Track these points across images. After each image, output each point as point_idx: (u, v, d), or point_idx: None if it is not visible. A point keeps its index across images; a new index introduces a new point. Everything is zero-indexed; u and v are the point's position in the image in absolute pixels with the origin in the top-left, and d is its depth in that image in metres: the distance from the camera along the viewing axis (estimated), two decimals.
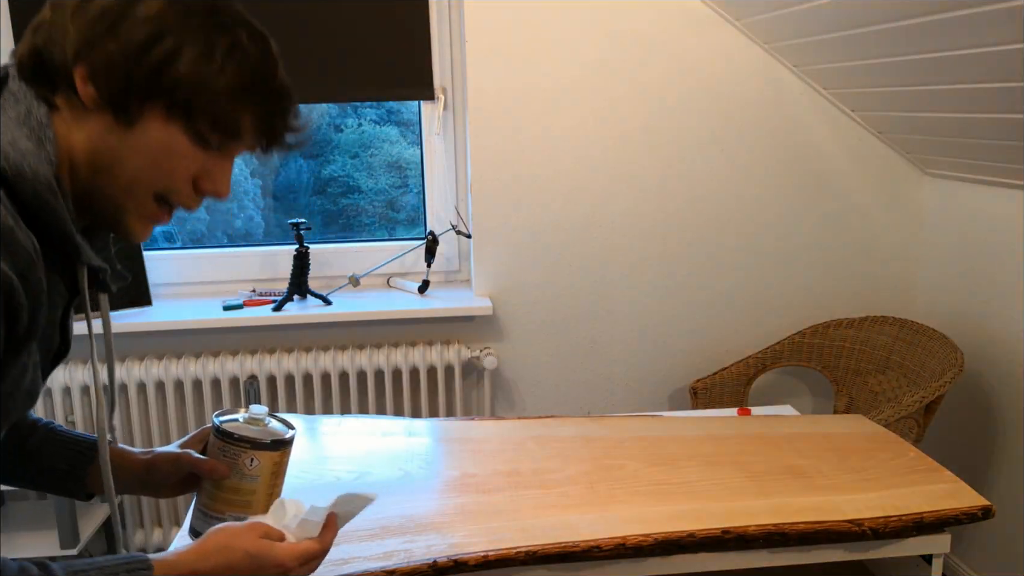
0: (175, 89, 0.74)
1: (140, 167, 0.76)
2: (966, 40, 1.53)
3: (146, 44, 0.72)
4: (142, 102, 0.74)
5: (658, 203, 2.28)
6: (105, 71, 0.72)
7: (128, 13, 0.73)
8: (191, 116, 0.75)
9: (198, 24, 0.75)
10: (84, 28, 0.72)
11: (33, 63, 0.75)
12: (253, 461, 0.94)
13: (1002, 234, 2.01)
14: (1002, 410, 2.03)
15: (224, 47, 0.75)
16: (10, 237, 0.64)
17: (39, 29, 0.75)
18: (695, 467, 1.47)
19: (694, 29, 2.17)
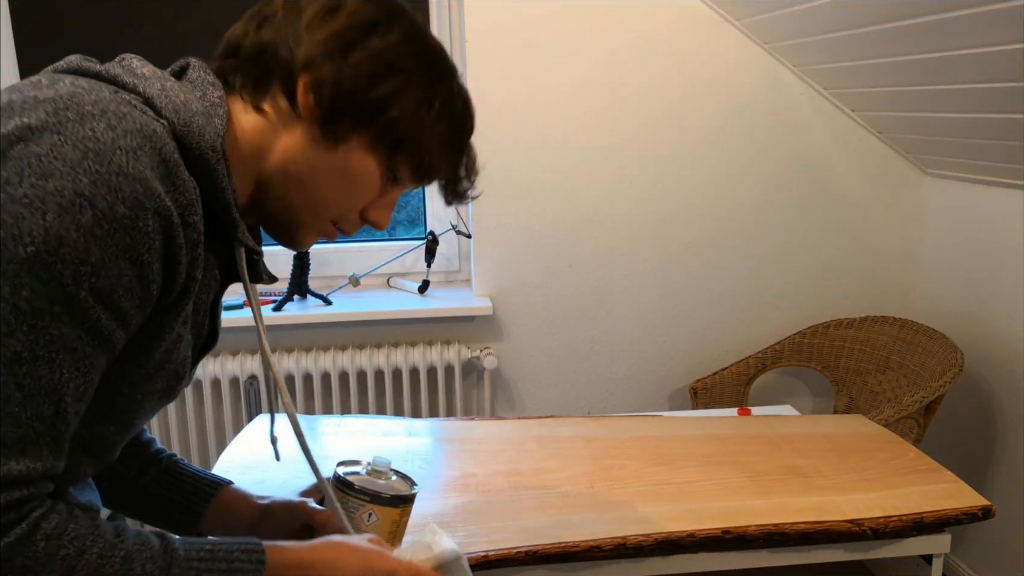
0: (390, 126, 0.75)
1: (331, 188, 0.77)
2: (966, 40, 1.53)
3: (375, 76, 0.74)
4: (352, 128, 0.74)
5: (658, 203, 2.28)
6: (331, 89, 0.73)
7: (365, 40, 0.74)
8: (395, 154, 0.77)
9: (424, 69, 0.76)
10: (320, 41, 0.73)
11: (252, 55, 0.75)
12: (371, 516, 0.90)
13: (1002, 234, 2.01)
14: (1002, 410, 2.03)
15: (442, 97, 0.77)
16: (175, 170, 0.64)
17: (265, 24, 0.76)
18: (695, 467, 1.47)
19: (694, 29, 2.17)
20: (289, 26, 0.74)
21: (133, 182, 0.59)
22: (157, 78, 0.70)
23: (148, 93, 0.67)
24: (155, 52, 1.33)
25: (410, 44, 0.76)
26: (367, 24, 0.74)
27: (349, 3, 0.75)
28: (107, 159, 0.58)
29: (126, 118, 0.61)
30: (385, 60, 0.74)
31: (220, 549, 0.70)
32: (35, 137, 0.58)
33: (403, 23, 0.76)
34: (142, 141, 0.61)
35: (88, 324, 0.59)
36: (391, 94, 0.74)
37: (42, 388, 0.57)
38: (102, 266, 0.58)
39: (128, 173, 0.59)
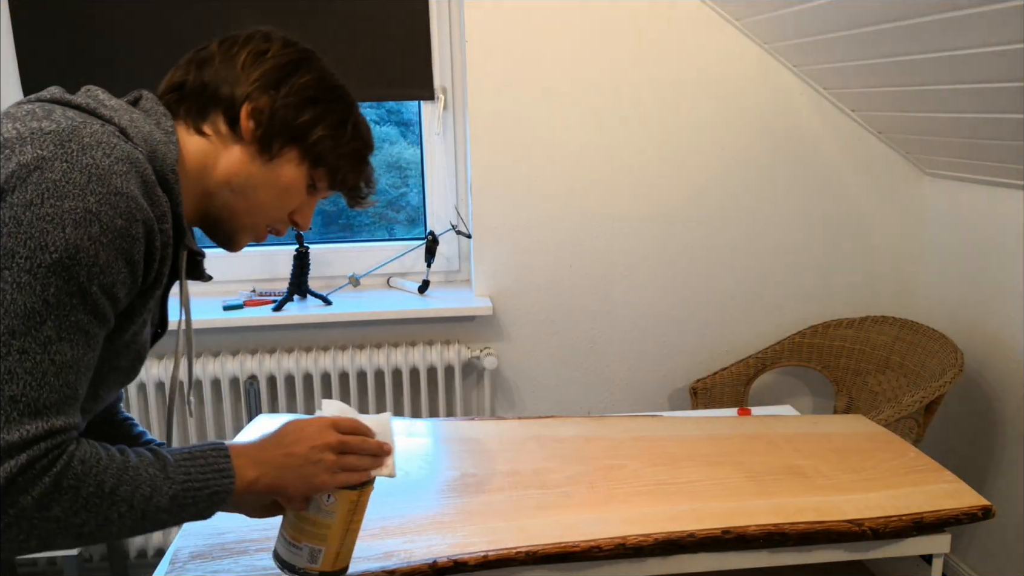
0: (314, 144, 0.95)
1: (267, 195, 0.95)
2: (966, 40, 1.53)
3: (301, 104, 0.94)
4: (284, 146, 0.94)
5: (658, 203, 2.28)
6: (268, 116, 0.92)
7: (290, 78, 0.94)
8: (317, 167, 0.97)
9: (337, 100, 0.97)
10: (256, 79, 0.92)
11: (196, 91, 0.93)
12: (329, 498, 0.97)
13: (1002, 234, 2.01)
14: (1002, 410, 2.03)
15: (352, 122, 0.98)
16: (152, 190, 0.81)
17: (205, 66, 0.93)
18: (695, 467, 1.47)
19: (694, 29, 2.17)
20: (227, 68, 0.93)
21: (127, 199, 0.77)
22: (124, 110, 0.86)
23: (122, 124, 0.83)
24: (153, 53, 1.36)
25: (324, 81, 0.96)
26: (290, 64, 0.94)
27: (273, 49, 0.95)
28: (107, 182, 0.75)
29: (116, 147, 0.78)
30: (308, 93, 0.94)
31: (195, 450, 0.89)
32: (48, 165, 0.74)
33: (316, 65, 0.97)
34: (129, 166, 0.78)
35: (96, 311, 0.77)
36: (314, 118, 0.94)
37: (68, 362, 0.76)
38: (107, 266, 0.76)
39: (123, 192, 0.76)
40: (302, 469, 0.94)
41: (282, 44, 0.96)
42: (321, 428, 0.97)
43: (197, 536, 1.24)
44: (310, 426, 0.97)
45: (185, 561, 1.17)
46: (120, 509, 0.80)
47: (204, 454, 0.89)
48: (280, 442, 0.95)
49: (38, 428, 0.73)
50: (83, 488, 0.77)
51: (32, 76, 2.11)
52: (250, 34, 0.96)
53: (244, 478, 0.91)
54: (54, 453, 0.75)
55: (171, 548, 1.22)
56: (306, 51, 0.98)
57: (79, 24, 2.08)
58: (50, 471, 0.74)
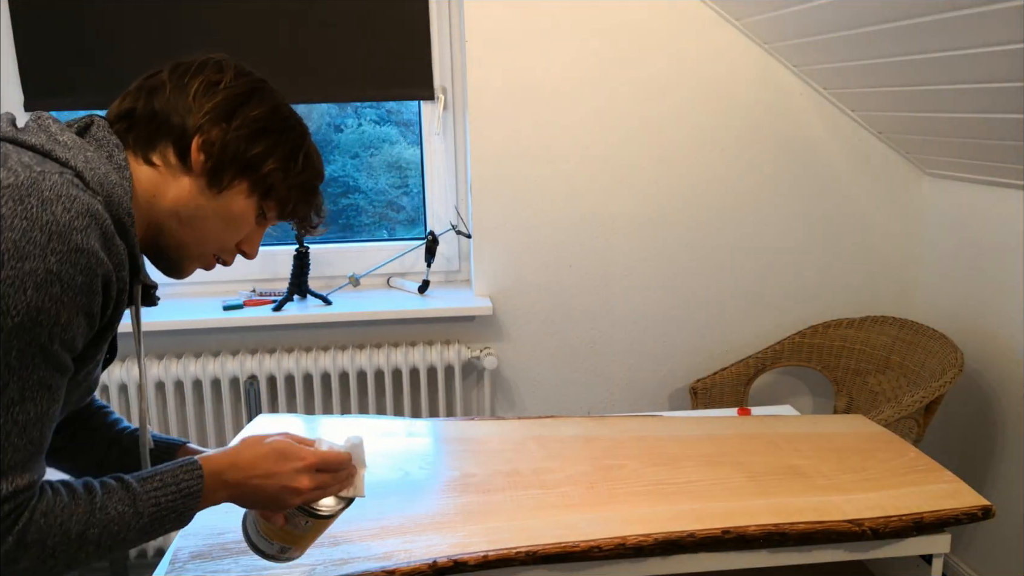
0: (265, 176, 0.94)
1: (216, 226, 0.95)
2: (966, 40, 1.53)
3: (253, 137, 0.93)
4: (234, 177, 0.93)
5: (658, 203, 2.28)
6: (219, 149, 0.91)
7: (242, 109, 0.93)
8: (266, 198, 0.96)
9: (288, 131, 0.97)
10: (207, 111, 0.91)
11: (145, 120, 0.91)
12: (307, 523, 1.02)
13: (1002, 234, 2.01)
14: (1002, 410, 2.03)
15: (303, 152, 0.98)
16: (111, 240, 0.81)
17: (155, 94, 0.91)
18: (695, 467, 1.47)
19: (694, 29, 2.17)
20: (178, 98, 0.91)
21: (88, 255, 0.76)
22: (79, 148, 0.85)
23: (78, 168, 0.82)
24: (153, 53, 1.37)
25: (276, 112, 0.96)
26: (242, 96, 0.93)
27: (226, 79, 0.93)
28: (68, 239, 0.75)
29: (76, 201, 0.77)
30: (260, 124, 0.93)
31: (167, 473, 0.89)
32: (8, 224, 0.72)
33: (269, 96, 0.96)
34: (89, 220, 0.77)
35: (58, 365, 0.78)
36: (265, 150, 0.94)
37: (31, 420, 0.76)
38: (68, 323, 0.76)
39: (83, 248, 0.76)
40: (272, 501, 0.97)
41: (234, 74, 0.94)
42: (295, 472, 0.96)
43: (197, 536, 1.24)
44: (287, 462, 0.96)
45: (185, 561, 1.17)
46: (88, 549, 0.81)
47: (176, 479, 0.89)
48: (254, 468, 0.95)
49: (2, 490, 0.74)
50: (49, 539, 0.77)
51: (32, 76, 2.11)
52: (203, 62, 0.94)
53: (212, 499, 0.93)
54: (16, 512, 0.75)
55: (171, 548, 1.22)
56: (259, 81, 0.97)
57: (79, 24, 2.08)
58: (12, 530, 0.75)
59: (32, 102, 2.14)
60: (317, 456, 0.98)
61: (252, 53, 2.10)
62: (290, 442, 0.99)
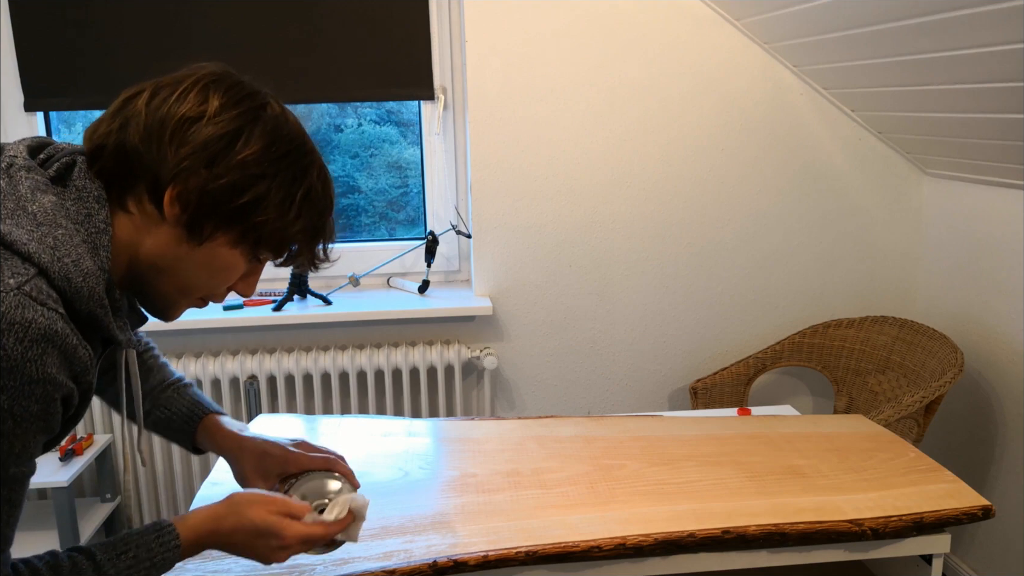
0: (255, 231, 0.83)
1: (199, 277, 0.85)
2: (966, 40, 1.53)
3: (240, 185, 0.80)
4: (217, 228, 0.82)
5: (658, 203, 2.28)
6: (196, 199, 0.79)
7: (228, 152, 0.79)
8: (258, 245, 0.85)
9: (285, 170, 0.83)
10: (185, 155, 0.78)
11: (117, 159, 0.80)
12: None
13: (1002, 234, 2.01)
14: (1002, 410, 2.03)
15: (301, 195, 0.84)
16: (73, 353, 0.74)
17: (129, 125, 0.79)
18: (695, 467, 1.47)
19: (694, 29, 2.17)
20: (153, 135, 0.79)
21: (43, 384, 0.71)
22: (49, 224, 0.74)
23: (42, 263, 0.73)
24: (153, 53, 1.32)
25: (272, 148, 0.81)
26: (230, 135, 0.79)
27: (210, 111, 0.79)
28: (19, 373, 0.69)
29: (31, 328, 0.70)
30: (249, 169, 0.80)
31: (140, 547, 0.84)
32: None
33: (264, 126, 0.81)
34: (46, 345, 0.71)
35: (15, 481, 0.74)
36: (255, 200, 0.81)
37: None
38: (23, 448, 0.72)
39: (38, 379, 0.71)
40: (256, 561, 0.94)
41: (221, 104, 0.80)
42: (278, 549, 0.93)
43: None
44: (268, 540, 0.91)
45: (185, 561, 1.17)
46: None
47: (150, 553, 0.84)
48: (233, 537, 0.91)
49: None
50: None
51: (32, 76, 2.11)
52: (186, 87, 0.80)
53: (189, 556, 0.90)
54: None
55: None
56: (251, 110, 0.82)
57: (79, 24, 2.08)
58: None
59: (32, 102, 2.14)
60: (301, 535, 0.93)
61: (252, 53, 2.10)
62: (274, 521, 0.92)
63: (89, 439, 2.14)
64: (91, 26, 2.08)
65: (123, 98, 0.82)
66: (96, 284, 0.77)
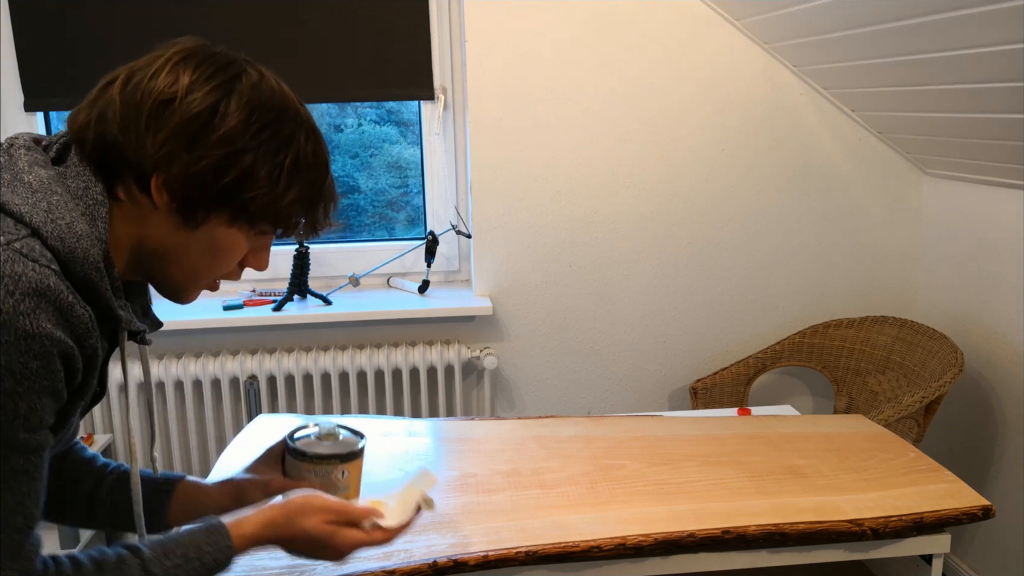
0: (248, 206, 0.81)
1: (203, 259, 0.84)
2: (966, 40, 1.53)
3: (223, 164, 0.78)
4: (210, 211, 0.80)
5: (658, 203, 2.28)
6: (182, 185, 0.78)
7: (207, 129, 0.77)
8: (255, 222, 0.83)
9: (270, 139, 0.80)
10: (163, 140, 0.76)
11: (98, 150, 0.78)
12: (344, 473, 1.01)
13: (1002, 234, 2.01)
14: (1002, 410, 2.03)
15: (290, 163, 0.81)
16: (70, 311, 0.72)
17: (106, 116, 0.77)
18: (695, 467, 1.47)
19: (694, 29, 2.17)
20: (130, 123, 0.77)
21: (39, 339, 0.69)
22: (44, 191, 0.74)
23: (35, 224, 0.72)
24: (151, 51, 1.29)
25: (251, 119, 0.79)
26: (206, 112, 0.77)
27: (182, 90, 0.77)
28: (12, 327, 0.68)
29: (21, 280, 0.69)
30: (230, 146, 0.78)
31: (189, 545, 0.83)
32: None
33: (240, 97, 0.79)
34: (39, 299, 0.69)
35: (30, 447, 0.72)
36: (241, 176, 0.79)
37: (11, 507, 0.71)
38: (30, 410, 0.71)
39: (33, 334, 0.69)
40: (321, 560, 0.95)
41: (191, 81, 0.77)
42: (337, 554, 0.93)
43: None
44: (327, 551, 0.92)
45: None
46: None
47: (200, 552, 0.83)
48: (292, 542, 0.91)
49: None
50: None
51: (32, 76, 2.11)
52: (157, 68, 0.78)
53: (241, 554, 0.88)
54: None
55: None
56: (225, 82, 0.79)
57: (79, 24, 2.08)
58: None
59: (32, 102, 2.14)
60: (357, 545, 0.93)
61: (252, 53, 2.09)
62: (328, 530, 0.91)
63: (89, 439, 2.14)
64: (91, 26, 2.08)
65: (100, 85, 0.80)
66: (91, 247, 0.75)
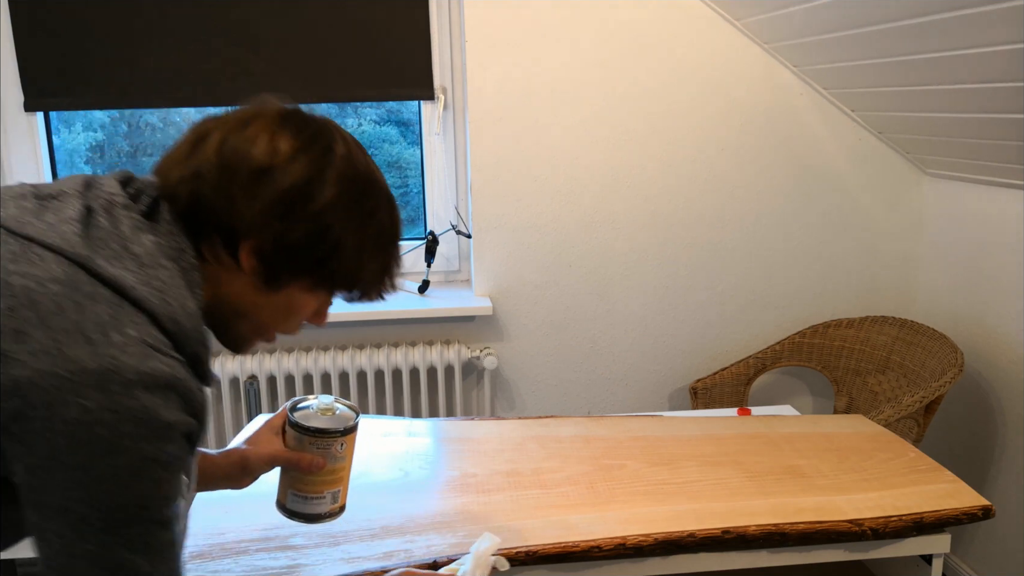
0: (333, 275, 0.84)
1: (275, 318, 0.87)
2: (966, 40, 1.53)
3: (314, 238, 0.80)
4: (293, 277, 0.83)
5: (658, 203, 2.28)
6: (272, 253, 0.80)
7: (302, 201, 0.79)
8: (334, 288, 0.87)
9: (359, 214, 0.82)
10: (260, 208, 0.78)
11: (190, 209, 0.79)
12: (343, 446, 1.04)
13: (1002, 234, 2.01)
14: (1002, 410, 2.03)
15: (374, 235, 0.84)
16: (192, 395, 0.74)
17: (200, 175, 0.79)
18: (695, 467, 1.47)
19: (694, 29, 2.17)
20: (226, 187, 0.78)
21: (175, 427, 0.72)
22: (153, 266, 0.75)
23: (154, 311, 0.73)
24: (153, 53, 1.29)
25: (345, 191, 0.81)
26: (302, 185, 0.79)
27: (281, 161, 0.78)
28: (154, 422, 0.70)
29: (155, 375, 0.71)
30: (324, 219, 0.80)
31: None
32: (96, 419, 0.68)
33: (335, 170, 0.81)
34: (169, 392, 0.72)
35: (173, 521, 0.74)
36: (330, 250, 0.81)
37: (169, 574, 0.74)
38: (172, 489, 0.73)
39: (172, 423, 0.71)
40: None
41: (292, 150, 0.79)
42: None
43: (197, 536, 1.24)
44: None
45: (185, 561, 1.17)
46: None
47: None
48: None
49: None
50: None
51: (32, 76, 2.11)
52: (254, 130, 0.80)
53: None
54: None
55: None
56: (322, 152, 0.81)
57: (79, 24, 2.08)
58: None
59: (32, 102, 2.14)
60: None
61: (252, 53, 2.10)
62: None
63: None
64: (91, 26, 2.08)
65: (192, 139, 0.81)
66: (200, 324, 0.78)
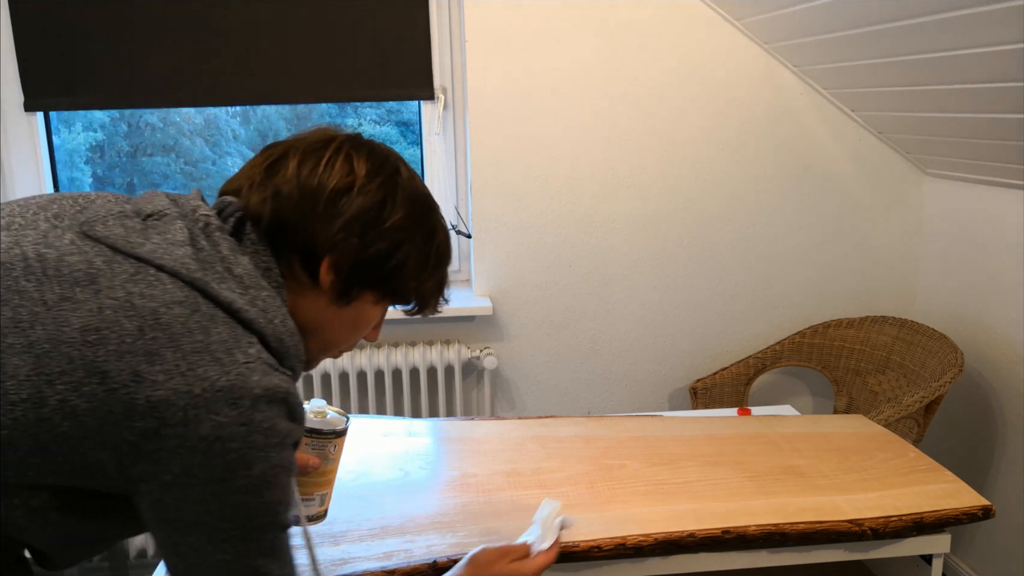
0: (397, 288, 0.90)
1: (341, 333, 0.92)
2: (966, 40, 1.53)
3: (386, 254, 0.87)
4: (363, 290, 0.88)
5: (658, 203, 2.28)
6: (348, 267, 0.86)
7: (378, 221, 0.86)
8: (396, 300, 0.93)
9: (423, 232, 0.90)
10: (339, 227, 0.84)
11: (273, 228, 0.84)
12: (335, 447, 1.08)
13: (1002, 234, 2.01)
14: (1002, 410, 2.03)
15: (435, 252, 0.92)
16: (298, 408, 0.80)
17: (280, 196, 0.84)
18: (695, 467, 1.47)
19: (694, 29, 2.17)
20: (307, 208, 0.84)
21: (291, 435, 0.78)
22: (255, 287, 0.80)
23: (261, 331, 0.79)
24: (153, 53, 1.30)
25: (411, 213, 0.89)
26: (377, 206, 0.86)
27: (358, 183, 0.85)
28: (277, 433, 0.76)
29: (275, 390, 0.76)
30: (396, 236, 0.87)
31: None
32: (229, 434, 0.73)
33: (403, 191, 0.89)
34: (281, 406, 0.77)
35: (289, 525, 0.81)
36: (398, 264, 0.88)
37: None
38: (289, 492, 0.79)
39: (289, 431, 0.78)
40: None
41: (367, 173, 0.87)
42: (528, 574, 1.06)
43: None
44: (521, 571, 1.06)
45: None
46: None
47: None
48: None
49: None
50: None
51: (32, 76, 2.11)
52: (330, 156, 0.86)
53: None
54: None
55: None
56: (390, 176, 0.89)
57: (79, 24, 2.08)
58: None
59: (32, 102, 2.14)
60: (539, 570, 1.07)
61: (252, 53, 2.10)
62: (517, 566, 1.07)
63: None
64: (91, 26, 2.08)
65: (267, 163, 0.86)
66: (299, 341, 0.84)
